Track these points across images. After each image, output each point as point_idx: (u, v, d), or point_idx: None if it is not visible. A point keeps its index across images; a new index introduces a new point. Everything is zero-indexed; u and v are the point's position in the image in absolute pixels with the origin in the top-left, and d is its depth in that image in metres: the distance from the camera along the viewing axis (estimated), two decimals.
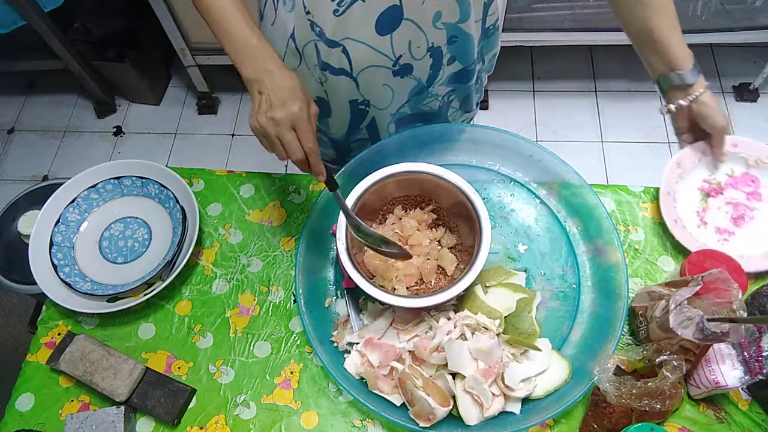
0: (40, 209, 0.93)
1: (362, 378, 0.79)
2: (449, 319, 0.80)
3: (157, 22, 1.85)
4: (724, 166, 0.93)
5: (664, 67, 0.84)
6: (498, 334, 0.78)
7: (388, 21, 0.75)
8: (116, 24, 2.05)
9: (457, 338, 0.76)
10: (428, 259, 0.86)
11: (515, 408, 0.76)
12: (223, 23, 0.70)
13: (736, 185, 0.92)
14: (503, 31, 1.85)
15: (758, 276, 0.86)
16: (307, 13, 0.76)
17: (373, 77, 0.84)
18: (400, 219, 0.88)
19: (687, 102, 0.85)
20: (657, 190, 0.95)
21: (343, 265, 0.78)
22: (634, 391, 0.69)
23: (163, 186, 0.97)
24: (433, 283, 0.84)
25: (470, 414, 0.74)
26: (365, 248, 0.88)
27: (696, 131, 0.91)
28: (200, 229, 0.96)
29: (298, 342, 0.86)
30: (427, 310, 0.82)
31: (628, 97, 2.17)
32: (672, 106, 0.87)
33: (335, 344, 0.83)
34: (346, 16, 0.74)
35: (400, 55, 0.80)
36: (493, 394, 0.74)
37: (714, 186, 0.92)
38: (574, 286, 0.86)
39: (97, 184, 0.97)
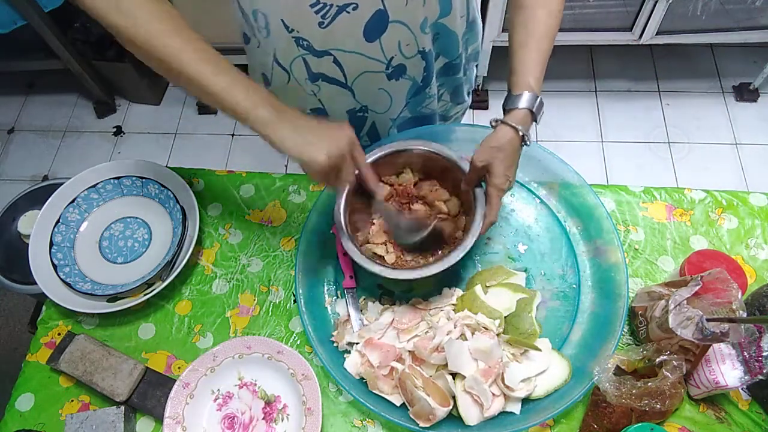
0: (40, 209, 0.93)
1: (362, 378, 0.79)
2: (449, 319, 0.80)
3: None
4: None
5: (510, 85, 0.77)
6: (498, 334, 0.78)
7: (376, 27, 0.75)
8: None
9: (457, 338, 0.76)
10: None
11: (515, 408, 0.76)
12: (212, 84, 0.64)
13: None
14: (502, 30, 1.85)
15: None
16: (291, 31, 0.75)
17: (368, 83, 0.84)
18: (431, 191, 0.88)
19: (495, 124, 0.76)
20: (657, 190, 0.95)
21: (337, 231, 0.79)
22: (634, 391, 0.69)
23: (163, 186, 0.97)
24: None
25: (470, 414, 0.74)
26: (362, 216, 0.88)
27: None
28: (200, 229, 0.96)
29: (298, 342, 0.87)
30: (427, 309, 0.82)
31: (628, 97, 2.17)
32: (492, 121, 0.77)
33: (335, 344, 0.83)
34: (333, 27, 0.73)
35: (392, 57, 0.80)
36: (493, 394, 0.74)
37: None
38: (574, 286, 0.86)
39: (97, 184, 0.97)
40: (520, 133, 0.74)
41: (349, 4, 0.71)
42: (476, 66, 1.04)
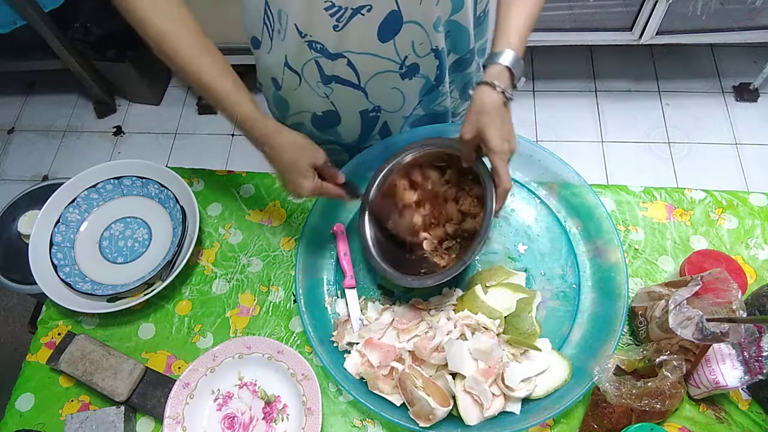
0: (40, 209, 0.93)
1: (362, 378, 0.79)
2: (449, 319, 0.80)
3: None
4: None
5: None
6: (498, 334, 0.78)
7: (390, 27, 0.74)
8: (116, 24, 2.05)
9: (457, 338, 0.76)
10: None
11: (515, 408, 0.76)
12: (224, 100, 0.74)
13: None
14: None
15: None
16: (304, 36, 0.75)
17: (381, 83, 0.84)
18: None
19: (472, 92, 0.72)
20: (657, 190, 0.95)
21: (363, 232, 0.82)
22: (634, 391, 0.69)
23: (163, 186, 0.97)
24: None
25: (470, 414, 0.74)
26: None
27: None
28: (200, 229, 0.96)
29: (298, 342, 0.87)
30: (427, 309, 0.82)
31: (628, 97, 2.17)
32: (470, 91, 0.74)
33: (335, 344, 0.83)
34: (347, 30, 0.73)
35: (405, 57, 0.80)
36: (493, 394, 0.74)
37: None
38: (574, 286, 0.86)
39: (97, 184, 0.97)
40: (498, 89, 0.69)
41: (363, 6, 0.70)
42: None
